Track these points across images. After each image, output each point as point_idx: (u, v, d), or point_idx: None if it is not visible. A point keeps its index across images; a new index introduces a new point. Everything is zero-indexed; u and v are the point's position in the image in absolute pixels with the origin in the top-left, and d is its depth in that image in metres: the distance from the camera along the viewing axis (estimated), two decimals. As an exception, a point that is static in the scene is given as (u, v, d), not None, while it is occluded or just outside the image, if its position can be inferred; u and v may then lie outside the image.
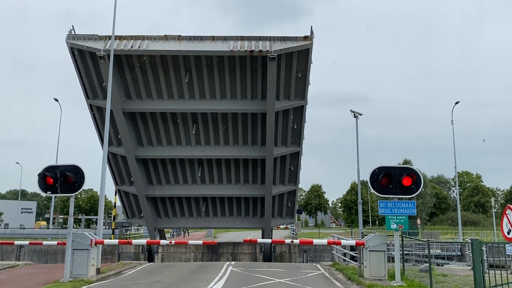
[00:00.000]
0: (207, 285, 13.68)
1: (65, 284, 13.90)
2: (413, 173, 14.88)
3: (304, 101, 22.98)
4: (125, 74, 22.47)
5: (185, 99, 23.29)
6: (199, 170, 26.21)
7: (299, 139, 24.76)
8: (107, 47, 20.81)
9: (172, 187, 26.98)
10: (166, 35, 21.32)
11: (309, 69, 21.89)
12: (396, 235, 14.89)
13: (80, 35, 21.56)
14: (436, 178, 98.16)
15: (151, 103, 23.37)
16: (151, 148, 25.29)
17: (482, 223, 74.09)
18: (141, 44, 21.10)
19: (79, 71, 22.55)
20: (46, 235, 43.39)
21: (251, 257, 29.47)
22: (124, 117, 23.08)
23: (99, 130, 24.89)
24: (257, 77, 22.54)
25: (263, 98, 22.86)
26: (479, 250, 13.35)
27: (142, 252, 30.21)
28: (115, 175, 26.84)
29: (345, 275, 16.41)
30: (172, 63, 22.09)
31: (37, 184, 15.34)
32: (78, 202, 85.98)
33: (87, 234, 15.89)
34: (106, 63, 20.64)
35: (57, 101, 47.83)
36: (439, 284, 13.64)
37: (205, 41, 21.19)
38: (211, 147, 25.18)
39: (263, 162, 25.03)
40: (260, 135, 24.69)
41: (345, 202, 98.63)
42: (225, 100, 23.30)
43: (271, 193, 25.59)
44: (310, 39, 20.93)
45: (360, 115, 35.92)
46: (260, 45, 20.87)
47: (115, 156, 25.57)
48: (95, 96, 23.47)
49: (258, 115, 23.78)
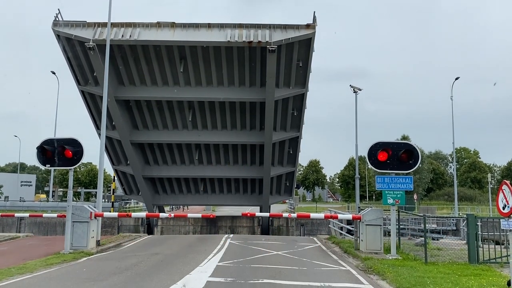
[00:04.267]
0: (206, 257, 13.89)
1: (66, 256, 14.11)
2: (411, 148, 14.94)
3: (305, 89, 22.17)
4: (117, 62, 21.47)
5: (181, 86, 22.46)
6: (196, 153, 25.85)
7: (298, 124, 24.17)
8: (96, 36, 19.74)
9: (170, 168, 26.68)
10: (159, 22, 20.15)
11: (311, 57, 20.94)
12: (393, 210, 15.05)
13: (67, 21, 20.29)
14: (433, 154, 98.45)
15: (145, 90, 22.56)
16: (147, 132, 24.70)
17: (478, 198, 74.86)
18: (132, 32, 19.94)
19: (68, 59, 21.59)
20: (46, 208, 43.75)
21: (249, 230, 29.86)
22: (118, 104, 22.32)
23: (92, 114, 24.31)
24: (256, 65, 21.61)
25: (262, 85, 22.00)
26: (474, 225, 13.55)
27: (141, 225, 30.57)
28: (111, 156, 26.50)
29: (342, 248, 16.67)
30: (166, 53, 21.11)
31: (36, 157, 15.36)
32: (77, 176, 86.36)
33: (86, 207, 16.03)
34: (96, 54, 19.69)
35: (54, 74, 47.38)
36: (433, 257, 13.88)
37: (200, 29, 20.06)
38: (208, 131, 24.59)
39: (261, 145, 24.54)
40: (258, 120, 24.05)
41: (342, 177, 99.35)
42: (222, 87, 22.43)
43: (269, 175, 25.36)
44: (312, 27, 19.78)
45: (359, 90, 35.69)
46: (259, 34, 19.81)
47: (110, 140, 24.90)
48: (87, 82, 22.67)
49: (257, 102, 23.06)
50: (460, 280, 10.37)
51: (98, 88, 22.04)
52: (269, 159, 24.41)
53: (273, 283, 9.91)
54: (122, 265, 12.26)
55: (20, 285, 9.78)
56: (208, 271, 11.26)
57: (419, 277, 10.52)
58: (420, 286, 9.59)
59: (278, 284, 9.84)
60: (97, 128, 24.31)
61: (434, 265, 12.66)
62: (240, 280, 10.11)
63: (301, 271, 11.69)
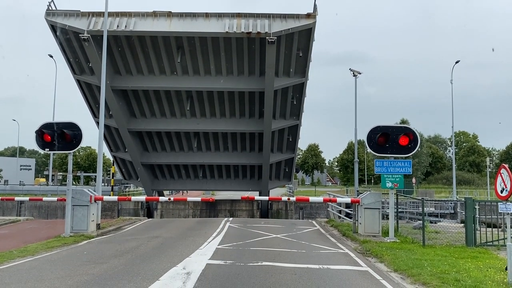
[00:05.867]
0: (206, 239, 14.01)
1: (67, 239, 14.22)
2: (410, 132, 14.94)
3: (305, 78, 21.87)
4: (113, 52, 21.00)
5: (178, 75, 22.10)
6: (195, 141, 25.71)
7: (298, 113, 23.96)
8: (91, 27, 19.26)
9: (168, 154, 26.55)
10: (155, 12, 19.66)
11: (311, 47, 20.57)
12: (391, 193, 15.13)
13: (61, 11, 19.82)
14: (432, 138, 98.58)
15: (142, 79, 22.23)
16: (145, 120, 24.43)
17: (476, 182, 75.25)
18: (128, 22, 19.50)
19: (63, 49, 21.15)
20: (45, 192, 43.95)
21: (248, 213, 30.03)
22: (114, 94, 21.96)
23: (89, 103, 24.01)
24: (255, 54, 21.23)
25: (261, 74, 21.68)
26: (472, 208, 13.65)
27: (141, 208, 30.75)
28: (109, 144, 26.35)
29: (340, 231, 16.81)
30: (163, 42, 20.72)
31: (35, 141, 15.36)
32: (76, 160, 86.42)
33: (86, 191, 16.10)
34: (91, 45, 19.30)
35: (52, 57, 47.07)
36: (431, 240, 14.00)
37: (198, 19, 19.62)
38: (207, 119, 24.31)
39: (261, 133, 24.31)
40: (258, 108, 23.77)
41: (341, 161, 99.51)
42: (220, 76, 22.12)
43: (268, 162, 25.32)
44: (313, 17, 19.36)
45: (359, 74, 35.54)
46: (259, 24, 19.37)
47: (108, 127, 24.57)
48: (82, 71, 22.32)
49: (256, 91, 22.72)
50: (457, 262, 10.48)
51: (94, 78, 21.71)
52: (268, 147, 24.28)
53: (272, 265, 10.01)
54: (122, 248, 12.37)
55: (21, 267, 9.87)
56: (208, 254, 11.36)
57: (417, 260, 10.63)
58: (418, 268, 9.69)
59: (277, 266, 9.94)
60: (94, 116, 24.12)
61: (431, 248, 12.78)
62: (239, 263, 10.21)
63: (300, 254, 11.80)
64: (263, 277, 8.80)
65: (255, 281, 8.46)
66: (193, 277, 8.67)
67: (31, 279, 8.58)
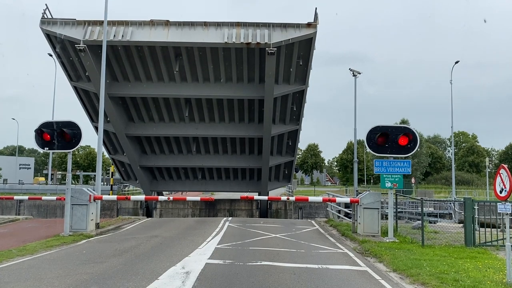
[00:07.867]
0: (205, 239, 14.01)
1: (66, 238, 14.22)
2: (410, 132, 14.96)
3: (305, 85, 21.57)
4: (110, 60, 20.53)
5: (176, 82, 21.77)
6: (194, 145, 25.56)
7: (298, 118, 23.77)
8: (87, 37, 18.88)
9: (167, 157, 26.41)
10: (153, 20, 19.28)
11: (312, 56, 20.17)
12: (390, 193, 15.14)
13: (56, 19, 19.35)
14: (432, 138, 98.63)
15: (140, 86, 21.90)
16: (143, 125, 24.22)
17: (476, 182, 75.28)
18: (125, 31, 19.14)
19: (58, 57, 20.91)
20: (45, 191, 43.85)
21: (247, 213, 30.04)
22: (112, 101, 21.70)
23: (86, 108, 23.82)
24: (254, 63, 20.87)
25: (261, 81, 21.38)
26: (471, 208, 13.66)
27: (140, 207, 30.74)
28: (107, 147, 26.20)
29: (339, 231, 16.81)
30: (161, 51, 20.39)
31: (34, 140, 15.36)
32: (75, 159, 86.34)
33: (85, 190, 16.09)
34: (88, 55, 18.98)
35: (51, 56, 46.94)
36: (430, 240, 14.01)
37: (196, 28, 19.23)
38: (205, 124, 24.08)
39: (260, 137, 24.11)
40: (257, 114, 23.51)
41: (341, 161, 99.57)
42: (219, 83, 21.79)
43: (268, 165, 25.19)
44: (314, 26, 18.90)
45: (359, 74, 35.50)
46: (258, 34, 19.00)
47: (106, 132, 24.20)
48: (79, 78, 22.04)
49: (256, 99, 22.41)
50: (456, 262, 10.49)
51: (90, 85, 21.43)
52: (268, 151, 24.11)
53: (271, 265, 10.02)
54: (121, 248, 12.36)
55: (21, 266, 9.87)
56: (207, 253, 11.36)
57: (416, 260, 10.64)
58: (417, 268, 9.70)
59: (276, 266, 9.94)
60: (92, 121, 24.01)
61: (430, 248, 12.79)
62: (238, 262, 10.21)
63: (299, 254, 11.81)
64: (262, 277, 8.80)
65: (254, 281, 8.47)
66: (192, 277, 8.67)
67: (30, 278, 8.59)
